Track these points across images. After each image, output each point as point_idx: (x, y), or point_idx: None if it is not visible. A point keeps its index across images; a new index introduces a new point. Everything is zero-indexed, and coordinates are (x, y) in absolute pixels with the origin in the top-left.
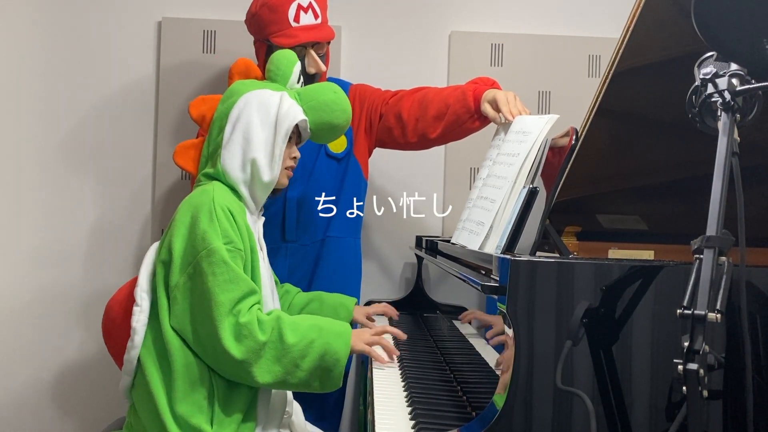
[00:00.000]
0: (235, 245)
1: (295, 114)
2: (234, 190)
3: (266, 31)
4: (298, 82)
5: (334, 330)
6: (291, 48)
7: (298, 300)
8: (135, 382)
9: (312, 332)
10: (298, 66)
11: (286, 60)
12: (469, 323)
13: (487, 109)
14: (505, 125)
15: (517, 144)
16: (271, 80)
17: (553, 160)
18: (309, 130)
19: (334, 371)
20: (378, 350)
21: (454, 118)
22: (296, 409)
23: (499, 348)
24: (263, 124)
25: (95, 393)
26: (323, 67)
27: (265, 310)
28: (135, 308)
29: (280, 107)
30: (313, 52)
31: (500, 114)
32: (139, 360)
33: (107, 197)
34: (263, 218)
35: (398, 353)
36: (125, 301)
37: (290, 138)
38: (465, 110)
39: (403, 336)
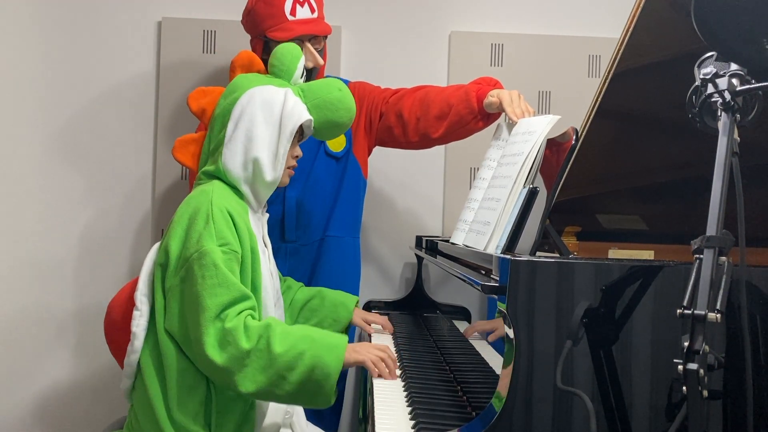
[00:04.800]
0: (231, 247)
1: (300, 113)
2: (235, 189)
3: (263, 26)
4: (301, 77)
5: (327, 342)
6: (288, 41)
7: (300, 295)
8: (135, 385)
9: (303, 343)
10: (302, 61)
11: (290, 54)
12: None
13: (491, 107)
14: (509, 125)
15: (522, 144)
16: (274, 75)
17: (553, 160)
18: (312, 128)
19: (324, 386)
20: (377, 364)
21: (457, 118)
22: (297, 409)
23: (500, 348)
24: (267, 123)
25: (95, 392)
26: (321, 61)
27: (267, 314)
28: (135, 312)
29: (285, 105)
30: (310, 46)
31: (505, 114)
32: (139, 364)
33: (107, 197)
34: (267, 214)
35: (396, 376)
36: (125, 303)
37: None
38: (468, 111)
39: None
